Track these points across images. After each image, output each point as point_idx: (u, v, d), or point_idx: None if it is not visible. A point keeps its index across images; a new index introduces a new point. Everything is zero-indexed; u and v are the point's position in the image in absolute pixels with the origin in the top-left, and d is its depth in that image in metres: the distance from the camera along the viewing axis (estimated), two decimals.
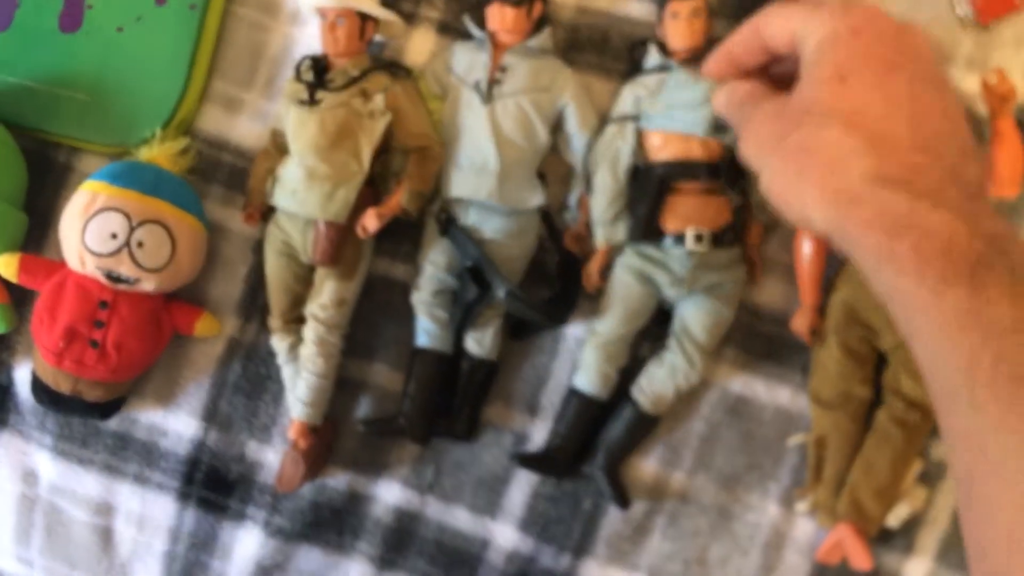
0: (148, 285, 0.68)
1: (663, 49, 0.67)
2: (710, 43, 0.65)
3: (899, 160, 0.40)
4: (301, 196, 0.67)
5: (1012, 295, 0.37)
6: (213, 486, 0.74)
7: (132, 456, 0.75)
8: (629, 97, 0.67)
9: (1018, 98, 0.60)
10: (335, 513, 0.73)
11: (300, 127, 0.67)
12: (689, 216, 0.66)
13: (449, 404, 0.71)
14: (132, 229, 0.66)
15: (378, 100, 0.67)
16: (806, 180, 0.42)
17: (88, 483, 0.75)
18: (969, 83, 0.67)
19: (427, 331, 0.70)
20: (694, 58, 0.65)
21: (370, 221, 0.66)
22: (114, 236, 0.66)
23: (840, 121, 0.41)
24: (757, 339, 0.69)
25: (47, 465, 0.76)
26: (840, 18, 0.43)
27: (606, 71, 0.71)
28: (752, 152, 0.46)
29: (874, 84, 0.42)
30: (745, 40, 0.48)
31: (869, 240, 0.39)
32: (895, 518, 0.66)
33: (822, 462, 0.67)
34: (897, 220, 0.39)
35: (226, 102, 0.74)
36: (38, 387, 0.70)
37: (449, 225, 0.69)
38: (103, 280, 0.67)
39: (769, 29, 0.47)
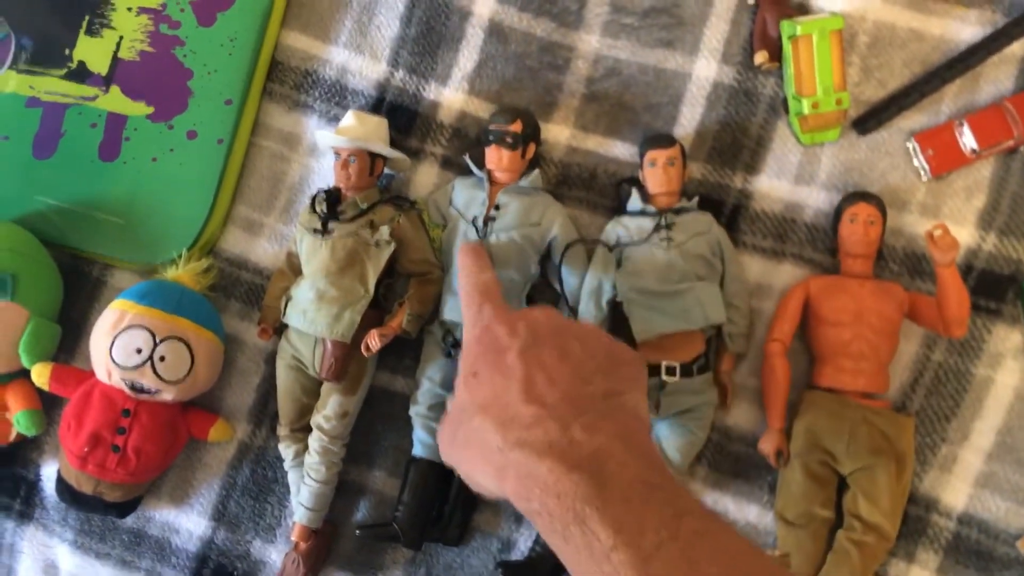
0: (168, 395, 0.74)
1: (643, 192, 0.74)
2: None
3: (517, 424, 0.50)
4: (311, 316, 0.73)
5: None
6: None
7: (146, 552, 0.80)
8: (612, 234, 0.74)
9: (959, 249, 0.66)
10: None
11: (312, 253, 0.74)
12: (663, 349, 0.71)
13: (441, 511, 0.76)
14: (155, 345, 0.72)
15: (384, 231, 0.74)
16: (477, 468, 0.52)
17: None
18: (921, 228, 0.73)
19: (423, 442, 0.76)
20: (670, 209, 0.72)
21: (373, 341, 0.72)
22: (139, 351, 0.72)
23: (479, 410, 0.52)
24: (727, 458, 0.74)
25: (67, 558, 0.81)
26: (469, 330, 0.57)
27: (592, 206, 0.77)
28: (444, 454, 0.57)
29: (494, 369, 0.54)
30: None
31: (518, 499, 0.49)
32: None
33: None
34: (524, 475, 0.48)
35: (247, 225, 0.81)
36: (62, 487, 0.76)
37: (454, 351, 0.74)
38: (127, 390, 0.73)
39: None
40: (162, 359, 0.72)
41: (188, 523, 0.80)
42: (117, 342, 0.72)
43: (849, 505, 0.70)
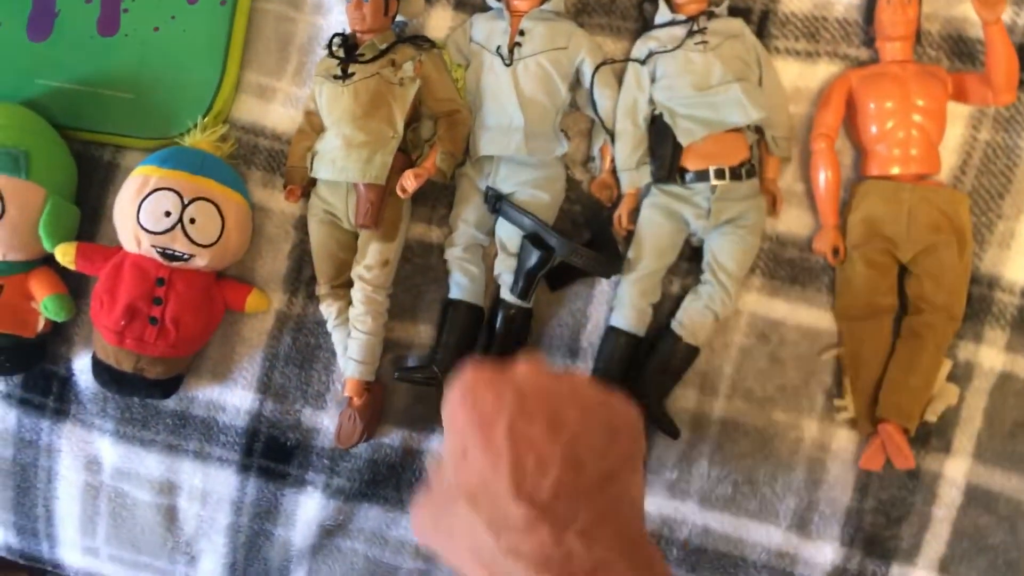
0: (201, 261, 0.71)
1: (669, 5, 0.72)
2: None
3: (510, 528, 0.47)
4: (341, 164, 0.70)
5: None
6: (272, 455, 0.77)
7: (192, 433, 0.77)
8: (643, 49, 0.72)
9: (1006, 3, 0.64)
10: (391, 469, 0.76)
11: (335, 100, 0.71)
12: (709, 155, 0.69)
13: (485, 352, 0.74)
14: (184, 207, 0.69)
15: (407, 68, 0.71)
16: (466, 566, 0.49)
17: (150, 463, 0.78)
18: (955, 10, 0.72)
19: (459, 284, 0.74)
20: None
21: (408, 181, 0.70)
22: (167, 214, 0.69)
23: (467, 499, 0.49)
24: (782, 265, 0.73)
25: (109, 450, 0.78)
26: (448, 403, 0.52)
27: (616, 31, 0.75)
28: (421, 535, 0.54)
29: (483, 447, 0.49)
30: None
31: None
32: (932, 413, 0.69)
33: (856, 373, 0.70)
34: None
35: (259, 91, 0.78)
36: (100, 368, 0.73)
37: (499, 203, 0.72)
38: (158, 258, 0.71)
39: None
40: (192, 221, 0.70)
41: (234, 399, 0.77)
42: (144, 206, 0.69)
43: (913, 290, 0.69)
